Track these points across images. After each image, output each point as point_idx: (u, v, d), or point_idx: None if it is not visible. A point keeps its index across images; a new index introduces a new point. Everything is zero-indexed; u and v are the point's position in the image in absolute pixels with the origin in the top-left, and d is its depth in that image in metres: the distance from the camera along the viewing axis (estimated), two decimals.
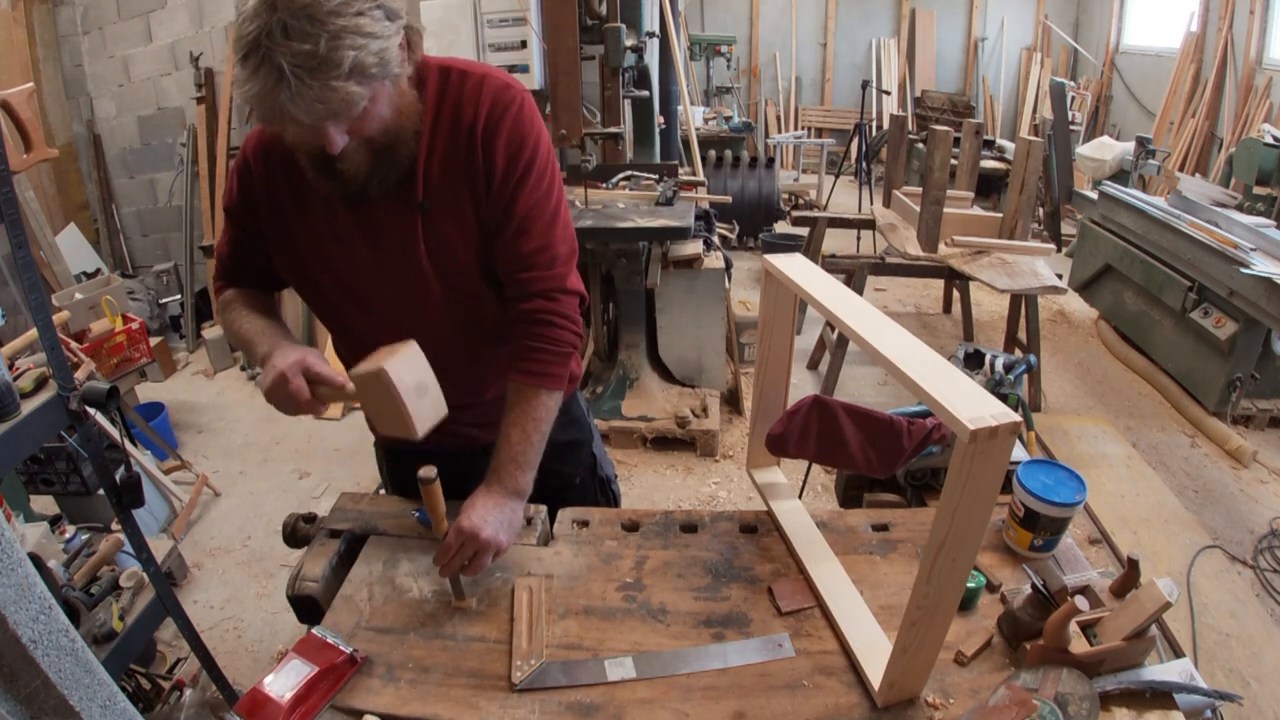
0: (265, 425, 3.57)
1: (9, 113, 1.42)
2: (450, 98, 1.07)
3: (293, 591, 1.18)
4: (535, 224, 1.12)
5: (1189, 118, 6.12)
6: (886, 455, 1.20)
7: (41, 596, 0.77)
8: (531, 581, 1.14)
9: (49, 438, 1.59)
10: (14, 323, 3.08)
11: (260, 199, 1.14)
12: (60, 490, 2.26)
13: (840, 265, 3.51)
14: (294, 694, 0.94)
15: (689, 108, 4.81)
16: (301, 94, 0.84)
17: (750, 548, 1.24)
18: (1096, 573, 1.13)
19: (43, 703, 0.76)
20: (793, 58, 8.42)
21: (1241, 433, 3.30)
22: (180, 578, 2.56)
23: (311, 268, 1.16)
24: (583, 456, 1.51)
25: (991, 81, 8.30)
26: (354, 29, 0.85)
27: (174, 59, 4.34)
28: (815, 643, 1.06)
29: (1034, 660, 0.96)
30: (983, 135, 4.00)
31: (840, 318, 0.96)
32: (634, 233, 2.93)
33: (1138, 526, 2.54)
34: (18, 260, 1.33)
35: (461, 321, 1.19)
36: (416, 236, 1.10)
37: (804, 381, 3.90)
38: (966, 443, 0.74)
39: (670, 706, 0.96)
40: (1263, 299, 2.85)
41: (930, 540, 0.82)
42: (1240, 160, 4.01)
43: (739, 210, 5.18)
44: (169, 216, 4.70)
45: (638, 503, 2.94)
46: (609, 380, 3.40)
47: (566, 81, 2.76)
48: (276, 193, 1.12)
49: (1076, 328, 4.51)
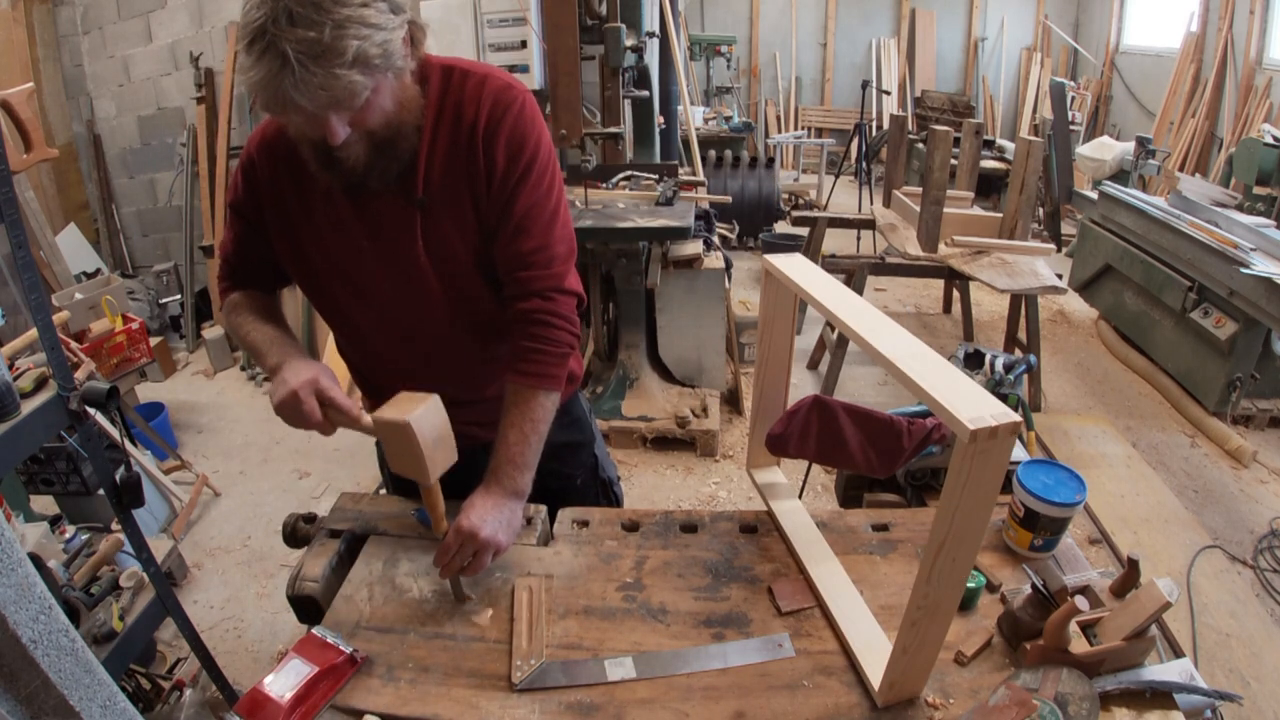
0: (265, 425, 3.57)
1: (9, 113, 1.42)
2: (452, 97, 1.08)
3: (293, 591, 1.18)
4: (534, 223, 1.12)
5: (1189, 118, 6.12)
6: (886, 455, 1.20)
7: (41, 596, 0.77)
8: (531, 581, 1.14)
9: (49, 438, 1.59)
10: (14, 323, 3.08)
11: (264, 192, 1.15)
12: (60, 490, 2.26)
13: (840, 265, 3.51)
14: (294, 694, 0.94)
15: (689, 108, 4.81)
16: (305, 81, 0.86)
17: (750, 548, 1.24)
18: (1096, 573, 1.13)
19: (43, 703, 0.76)
20: (793, 58, 8.42)
21: (1241, 433, 3.30)
22: (180, 578, 2.56)
23: (313, 259, 1.16)
24: (583, 457, 1.51)
25: (991, 81, 8.30)
26: (359, 19, 0.87)
27: (174, 59, 4.35)
28: (815, 643, 1.06)
29: (1034, 660, 0.96)
30: (983, 135, 4.00)
31: (840, 318, 0.96)
32: (634, 233, 2.94)
33: (1138, 526, 2.54)
34: (18, 260, 1.33)
35: (462, 319, 1.20)
36: (415, 232, 1.10)
37: (804, 381, 3.90)
38: (966, 443, 0.74)
39: (670, 706, 0.96)
40: (1263, 299, 2.85)
41: (930, 540, 0.82)
42: (1240, 160, 4.01)
43: (739, 210, 5.18)
44: (169, 216, 4.71)
45: (638, 503, 2.94)
46: (609, 380, 3.40)
47: (566, 81, 2.76)
48: (280, 185, 1.13)
49: (1076, 328, 4.51)
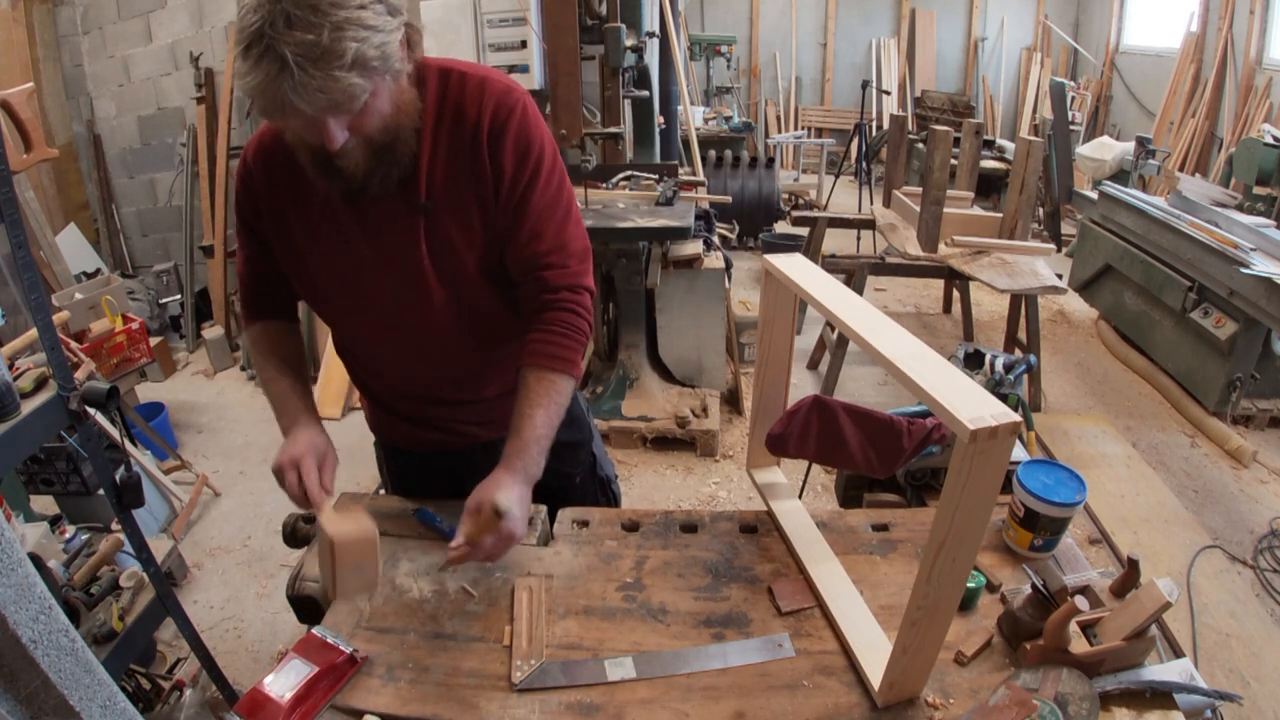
0: (265, 425, 3.56)
1: (9, 113, 1.42)
2: (451, 99, 1.08)
3: (293, 591, 1.18)
4: (548, 225, 1.12)
5: (1189, 118, 6.11)
6: (886, 455, 1.20)
7: (41, 596, 0.77)
8: (531, 581, 1.14)
9: (49, 438, 1.59)
10: (14, 323, 3.08)
11: (262, 199, 1.15)
12: (60, 490, 2.26)
13: (840, 265, 3.51)
14: (294, 694, 0.94)
15: (689, 108, 4.81)
16: (304, 84, 0.85)
17: (750, 548, 1.24)
18: (1096, 573, 1.13)
19: (43, 703, 0.76)
20: (793, 58, 8.42)
21: (1241, 433, 3.30)
22: (180, 578, 2.56)
23: (311, 266, 1.16)
24: (582, 456, 1.51)
25: (991, 81, 8.30)
26: (356, 21, 0.87)
27: (174, 59, 4.34)
28: (815, 643, 1.06)
29: (1034, 660, 0.96)
30: (983, 135, 4.00)
31: (840, 318, 0.96)
32: (634, 233, 2.93)
33: (1138, 526, 2.54)
34: (18, 260, 1.34)
35: (463, 321, 1.19)
36: (418, 237, 1.10)
37: (804, 381, 3.90)
38: (966, 443, 0.74)
39: (670, 706, 0.96)
40: (1263, 299, 2.85)
41: (930, 540, 0.82)
42: (1240, 160, 4.01)
43: (739, 210, 5.18)
44: (169, 216, 4.71)
45: (638, 503, 2.94)
46: (609, 380, 3.40)
47: (566, 81, 2.76)
48: (277, 192, 1.13)
49: (1076, 328, 4.51)
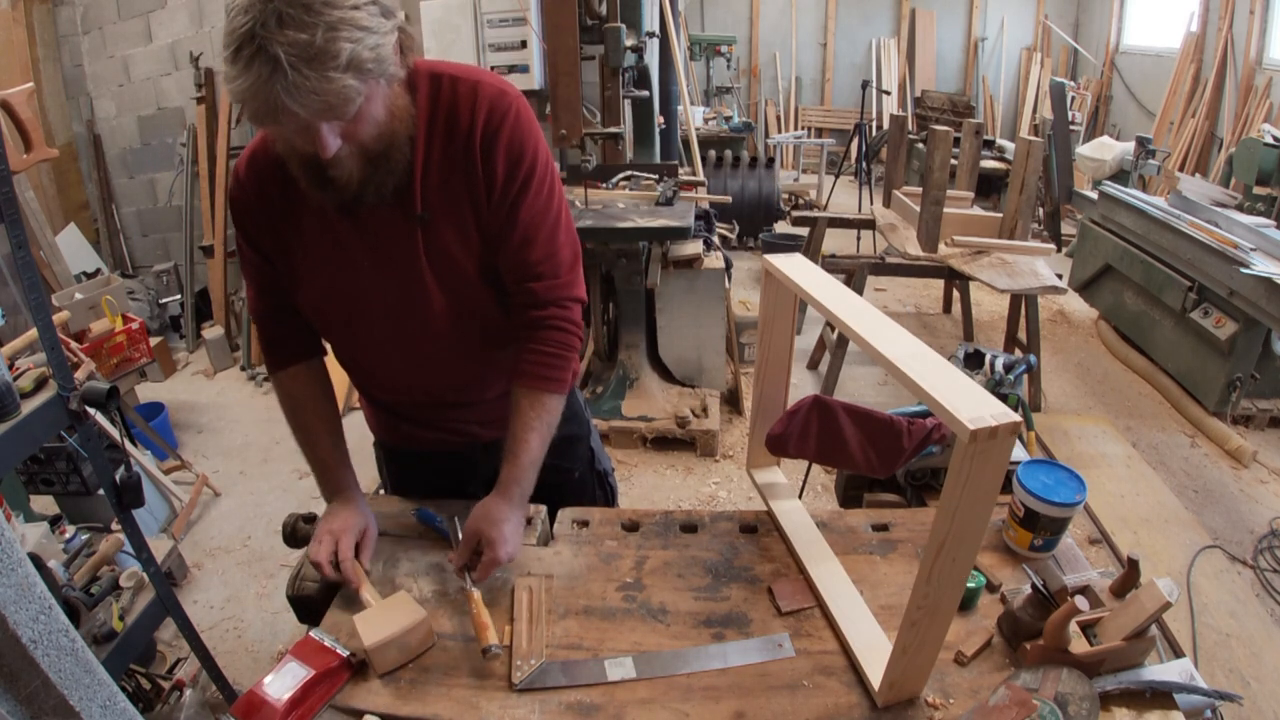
0: (265, 425, 3.57)
1: (9, 113, 1.42)
2: (443, 104, 1.06)
3: (293, 591, 1.18)
4: (539, 232, 1.12)
5: (1189, 118, 6.11)
6: (886, 455, 1.20)
7: (41, 596, 0.77)
8: (531, 581, 1.14)
9: (49, 438, 1.59)
10: (14, 323, 3.08)
11: (256, 213, 1.13)
12: (60, 490, 2.26)
13: (840, 265, 3.51)
14: (290, 697, 0.93)
15: (689, 108, 4.81)
16: (298, 85, 0.83)
17: (750, 548, 1.24)
18: (1096, 573, 1.13)
19: (43, 703, 0.76)
20: (793, 58, 8.42)
21: (1241, 433, 3.30)
22: (180, 578, 2.56)
23: (307, 279, 1.14)
24: (581, 451, 1.52)
25: (991, 81, 8.30)
26: (350, 21, 0.85)
27: (174, 59, 4.34)
28: (815, 643, 1.06)
29: (1034, 660, 0.96)
30: (983, 135, 4.00)
31: (840, 318, 0.96)
32: (634, 233, 2.93)
33: (1138, 526, 2.54)
34: (18, 260, 1.33)
35: (465, 325, 1.19)
36: (417, 246, 1.09)
37: (804, 381, 3.90)
38: (966, 443, 0.74)
39: (670, 706, 0.96)
40: (1263, 299, 2.85)
41: (930, 540, 0.82)
42: (1240, 160, 4.01)
43: (739, 210, 5.18)
44: (169, 216, 4.71)
45: (638, 503, 2.94)
46: (609, 380, 3.40)
47: (566, 81, 2.76)
48: (270, 206, 1.11)
49: (1076, 328, 4.51)
